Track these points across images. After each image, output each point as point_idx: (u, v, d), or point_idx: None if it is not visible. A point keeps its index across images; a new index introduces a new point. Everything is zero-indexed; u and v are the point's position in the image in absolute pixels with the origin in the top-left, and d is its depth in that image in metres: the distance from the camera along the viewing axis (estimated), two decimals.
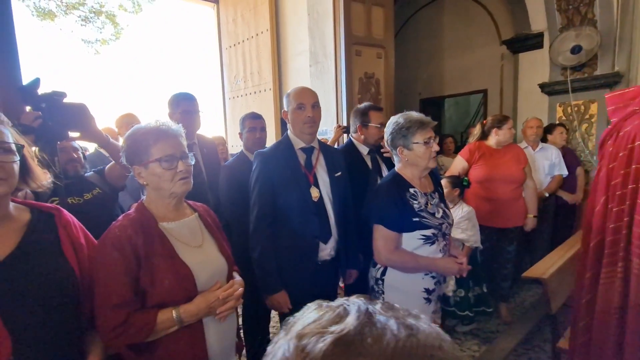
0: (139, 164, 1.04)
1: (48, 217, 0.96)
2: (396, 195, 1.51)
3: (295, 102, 1.62)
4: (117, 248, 0.97)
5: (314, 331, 0.32)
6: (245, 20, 4.81)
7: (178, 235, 1.08)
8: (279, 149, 1.68)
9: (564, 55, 3.59)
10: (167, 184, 1.04)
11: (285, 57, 4.49)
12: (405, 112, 1.58)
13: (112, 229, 1.01)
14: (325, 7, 3.36)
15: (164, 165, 1.02)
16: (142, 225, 1.03)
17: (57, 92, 1.33)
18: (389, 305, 0.36)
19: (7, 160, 0.84)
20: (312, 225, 1.61)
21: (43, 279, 0.86)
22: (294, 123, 1.63)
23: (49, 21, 8.75)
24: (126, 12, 9.43)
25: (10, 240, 0.86)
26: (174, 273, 1.01)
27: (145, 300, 1.01)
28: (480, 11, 5.17)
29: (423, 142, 1.50)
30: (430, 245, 1.53)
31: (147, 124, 1.07)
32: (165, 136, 1.04)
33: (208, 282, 1.08)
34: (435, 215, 1.55)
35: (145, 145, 1.02)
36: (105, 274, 0.96)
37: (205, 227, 1.18)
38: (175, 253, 1.04)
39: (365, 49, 3.29)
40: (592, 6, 3.46)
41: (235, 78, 5.13)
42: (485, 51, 5.19)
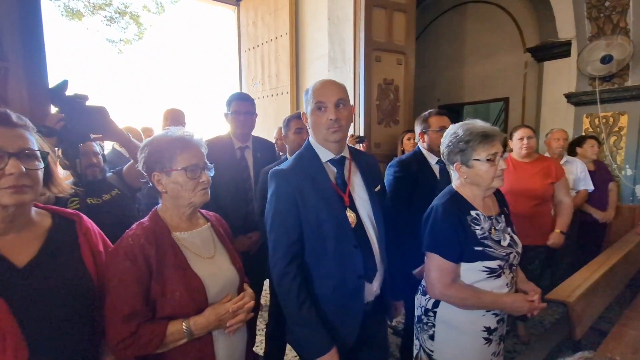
0: (160, 171, 1.03)
1: (69, 224, 0.96)
2: (455, 219, 1.27)
3: (313, 101, 1.23)
4: (129, 257, 0.96)
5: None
6: (265, 23, 4.83)
7: (190, 245, 1.07)
8: (302, 165, 1.28)
9: (593, 64, 3.45)
10: (188, 193, 1.04)
11: (303, 60, 4.49)
12: (467, 122, 1.32)
13: (125, 238, 1.00)
14: (345, 12, 3.33)
15: (189, 175, 1.02)
16: (155, 234, 1.02)
17: (79, 95, 1.35)
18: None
19: (33, 168, 0.84)
20: (353, 261, 1.21)
21: (62, 287, 0.86)
22: (315, 128, 1.26)
23: (76, 21, 9.04)
24: (149, 13, 9.66)
25: (31, 246, 0.87)
26: (185, 285, 1.00)
27: (155, 311, 0.99)
28: (504, 17, 5.04)
29: (486, 159, 1.25)
30: (495, 279, 1.29)
31: (171, 132, 1.06)
32: (190, 146, 1.04)
33: (219, 294, 1.06)
34: (501, 243, 1.30)
35: (171, 153, 1.02)
36: (117, 283, 0.95)
37: (218, 237, 1.17)
38: (187, 264, 1.03)
39: (385, 54, 3.24)
40: (625, 14, 3.32)
41: (254, 80, 5.16)
42: (508, 58, 5.06)
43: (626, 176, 3.59)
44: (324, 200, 1.21)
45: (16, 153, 0.81)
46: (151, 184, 1.09)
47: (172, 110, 2.64)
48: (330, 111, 1.21)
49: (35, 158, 0.85)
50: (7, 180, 0.79)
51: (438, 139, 1.82)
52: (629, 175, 3.58)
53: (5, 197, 0.80)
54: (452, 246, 1.27)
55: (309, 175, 1.24)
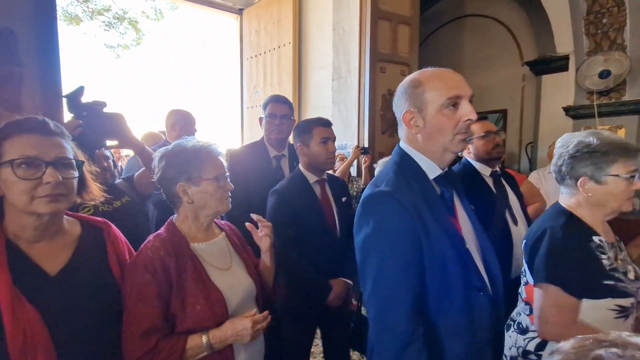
0: (187, 181, 1.02)
1: (97, 231, 0.97)
2: (579, 245, 1.08)
3: (443, 95, 0.92)
4: (149, 270, 0.94)
5: None
6: (268, 32, 4.87)
7: (208, 257, 1.06)
8: (407, 181, 0.95)
9: (591, 79, 3.53)
10: (217, 202, 1.04)
11: (306, 70, 4.52)
12: (596, 131, 1.15)
13: (144, 250, 0.99)
14: (351, 23, 3.38)
15: (220, 184, 1.03)
16: (174, 246, 1.01)
17: (97, 102, 1.35)
18: None
19: (69, 177, 0.84)
20: (481, 311, 0.94)
21: (92, 296, 0.86)
22: (436, 133, 0.93)
23: (74, 25, 9.02)
24: (148, 19, 9.69)
25: (62, 255, 0.87)
26: (205, 297, 0.98)
27: (174, 325, 0.97)
28: (502, 31, 5.15)
29: (626, 176, 1.07)
30: (624, 321, 1.07)
31: (191, 142, 1.05)
32: (214, 155, 1.05)
33: (238, 306, 1.05)
34: (627, 276, 1.09)
35: (199, 163, 1.02)
36: (136, 297, 0.93)
37: (233, 247, 1.16)
38: (207, 276, 1.01)
39: (389, 66, 3.28)
40: (622, 31, 3.41)
41: (255, 88, 5.17)
42: (506, 71, 5.15)
43: None
44: (445, 233, 0.89)
45: (53, 162, 0.81)
46: (164, 195, 1.08)
47: (181, 113, 2.40)
48: (467, 109, 0.92)
49: (71, 167, 0.85)
50: (44, 189, 0.79)
51: (486, 144, 1.75)
52: None
53: (41, 206, 0.79)
54: (576, 278, 1.05)
55: (421, 197, 0.90)
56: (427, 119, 0.92)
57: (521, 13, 4.79)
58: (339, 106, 3.61)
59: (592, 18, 3.55)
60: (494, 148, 1.76)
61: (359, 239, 0.91)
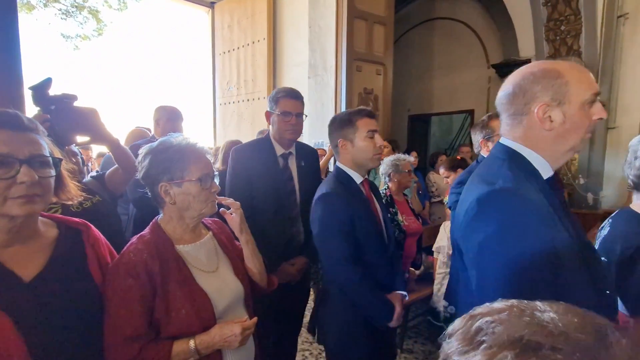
0: (169, 182, 0.97)
1: (76, 234, 0.89)
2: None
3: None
4: (131, 274, 0.89)
5: None
6: (241, 27, 4.77)
7: (194, 259, 1.01)
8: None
9: None
10: (200, 204, 0.99)
11: (281, 66, 4.48)
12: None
13: (126, 253, 0.93)
14: (327, 22, 3.38)
15: (204, 185, 0.97)
16: (157, 248, 0.96)
17: (67, 95, 1.26)
18: None
19: (45, 175, 0.77)
20: None
21: (70, 302, 0.80)
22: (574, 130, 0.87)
23: (25, 12, 8.36)
24: (111, 9, 9.16)
25: (37, 259, 0.80)
26: (191, 302, 0.94)
27: (159, 331, 0.93)
28: (470, 35, 5.37)
29: None
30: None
31: (177, 140, 1.00)
32: (201, 155, 0.99)
33: (226, 309, 1.01)
34: None
35: (184, 163, 0.96)
36: (119, 302, 0.87)
37: (220, 247, 1.11)
38: (193, 279, 0.97)
39: (365, 65, 3.32)
40: (578, 38, 3.66)
41: (228, 84, 5.06)
42: (473, 73, 5.38)
43: (579, 184, 3.93)
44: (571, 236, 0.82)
45: (27, 160, 0.74)
46: (149, 194, 1.03)
47: (166, 109, 2.28)
48: (599, 107, 0.83)
49: (47, 165, 0.78)
50: (18, 189, 0.72)
51: None
52: (582, 183, 3.92)
53: (15, 208, 0.72)
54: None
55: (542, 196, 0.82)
56: (569, 113, 0.81)
57: (487, 18, 5.02)
58: (315, 104, 3.61)
59: (552, 25, 3.79)
60: None
61: (475, 241, 0.80)
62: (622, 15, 3.55)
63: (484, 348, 0.36)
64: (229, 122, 5.10)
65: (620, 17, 3.56)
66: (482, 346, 0.36)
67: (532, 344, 0.33)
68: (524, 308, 0.38)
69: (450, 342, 0.40)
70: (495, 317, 0.38)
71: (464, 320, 0.41)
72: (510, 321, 0.37)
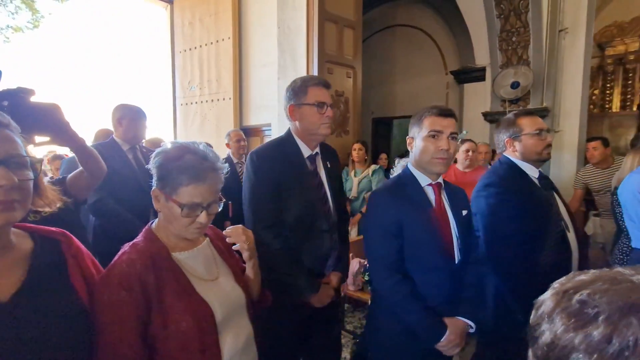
0: (160, 189, 0.89)
1: (54, 245, 0.78)
2: None
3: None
4: (124, 287, 0.80)
5: None
6: (204, 25, 4.59)
7: (192, 267, 0.94)
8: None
9: (505, 89, 4.07)
10: (180, 227, 0.90)
11: (247, 66, 4.37)
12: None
13: (118, 264, 0.84)
14: (297, 23, 3.36)
15: (184, 213, 0.87)
16: (152, 257, 0.87)
17: (22, 89, 1.11)
18: None
19: (24, 178, 0.66)
20: None
21: (53, 321, 0.70)
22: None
23: None
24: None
25: (12, 276, 0.69)
26: (191, 313, 0.87)
27: (154, 348, 0.85)
28: (429, 42, 5.64)
29: None
30: None
31: (189, 153, 0.89)
32: (202, 180, 0.87)
33: (228, 319, 0.95)
34: None
35: (177, 181, 0.87)
36: (111, 318, 0.78)
37: (218, 253, 1.05)
38: (193, 289, 0.90)
39: (336, 67, 3.35)
40: (527, 49, 3.99)
41: (190, 84, 4.83)
42: (433, 79, 5.66)
43: None
44: None
45: (3, 160, 0.63)
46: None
47: (129, 108, 2.06)
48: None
49: (24, 166, 0.67)
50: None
51: (537, 144, 1.50)
52: None
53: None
54: None
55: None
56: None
57: (445, 27, 5.31)
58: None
59: (504, 36, 4.09)
60: (545, 148, 1.51)
61: None
62: (563, 29, 3.93)
63: (604, 319, 0.35)
64: (191, 122, 4.87)
65: (561, 31, 3.94)
66: (600, 317, 0.35)
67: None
68: (612, 276, 0.39)
69: (553, 322, 0.39)
70: (593, 289, 0.38)
71: (557, 297, 0.40)
72: (612, 290, 0.37)
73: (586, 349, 0.35)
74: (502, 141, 1.60)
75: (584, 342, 0.36)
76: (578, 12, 3.82)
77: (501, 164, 1.59)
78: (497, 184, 1.51)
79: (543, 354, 0.40)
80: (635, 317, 0.34)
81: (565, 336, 0.37)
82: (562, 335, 0.38)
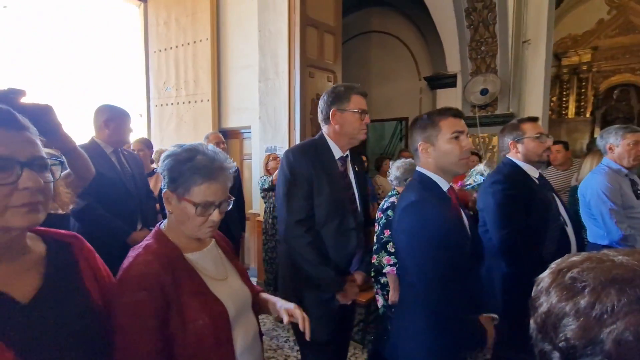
0: (173, 192, 0.90)
1: (65, 247, 0.78)
2: None
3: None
4: (144, 287, 0.81)
5: None
6: (180, 25, 4.50)
7: (203, 267, 0.96)
8: None
9: (475, 95, 4.31)
10: (193, 227, 0.92)
11: (226, 69, 4.34)
12: None
13: (136, 265, 0.85)
14: (278, 26, 3.39)
15: (198, 212, 0.90)
16: (167, 258, 0.89)
17: (13, 90, 1.08)
18: None
19: (48, 180, 0.66)
20: None
21: (70, 323, 0.70)
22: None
23: None
24: None
25: (30, 278, 0.69)
26: (208, 312, 0.89)
27: (172, 346, 0.86)
28: (403, 49, 5.85)
29: None
30: None
31: (200, 154, 0.90)
32: (214, 178, 0.90)
33: (238, 316, 0.98)
34: None
35: (190, 182, 0.88)
36: (131, 319, 0.79)
37: (224, 254, 1.07)
38: (207, 288, 0.92)
39: (317, 71, 3.41)
40: (495, 58, 4.25)
41: (165, 84, 4.72)
42: (407, 84, 5.87)
43: None
44: None
45: (29, 162, 0.63)
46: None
47: (115, 110, 2.00)
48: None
49: (46, 168, 0.68)
50: (22, 196, 0.62)
51: (538, 147, 1.66)
52: None
53: (17, 218, 0.62)
54: None
55: None
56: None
57: (419, 35, 5.53)
58: (267, 108, 3.58)
59: (474, 45, 4.34)
60: (545, 151, 1.69)
61: None
62: (526, 40, 4.22)
63: (590, 290, 0.43)
64: (166, 124, 4.75)
65: (524, 42, 4.23)
66: (586, 290, 0.43)
67: (624, 279, 0.42)
68: (598, 257, 0.47)
69: (550, 295, 0.47)
70: (582, 267, 0.46)
71: (553, 275, 0.48)
72: (597, 267, 0.45)
73: (575, 314, 0.44)
74: (506, 143, 1.75)
75: (573, 309, 0.44)
76: (539, 24, 4.13)
77: (504, 165, 1.75)
78: (502, 181, 1.65)
79: (541, 320, 0.48)
80: (614, 289, 0.42)
81: (559, 305, 0.46)
82: (556, 305, 0.46)
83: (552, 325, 0.46)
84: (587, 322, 0.42)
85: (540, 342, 0.49)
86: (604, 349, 0.40)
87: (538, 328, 0.49)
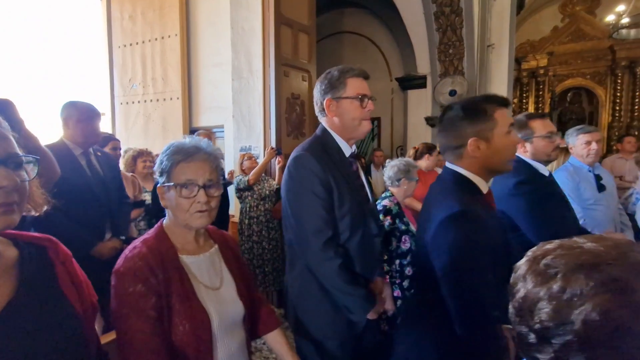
0: (162, 185, 0.89)
1: (40, 251, 0.73)
2: None
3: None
4: (141, 279, 0.81)
5: None
6: (147, 20, 4.32)
7: (196, 273, 0.93)
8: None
9: (444, 96, 4.48)
10: (183, 214, 0.89)
11: (196, 66, 4.21)
12: None
13: (132, 258, 0.83)
14: (251, 24, 3.33)
15: (183, 194, 0.87)
16: (161, 255, 0.87)
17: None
18: None
19: (23, 179, 0.62)
20: None
21: (48, 331, 0.66)
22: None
23: None
24: None
25: (3, 285, 0.64)
26: (190, 318, 0.86)
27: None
28: (375, 50, 5.96)
29: None
30: None
31: (180, 142, 0.92)
32: (192, 158, 0.89)
33: (225, 330, 0.94)
34: None
35: (171, 167, 0.88)
36: (131, 313, 0.79)
37: (225, 263, 1.02)
38: (194, 294, 0.88)
39: (292, 70, 3.39)
40: (462, 61, 4.44)
41: (131, 82, 4.50)
42: (379, 84, 5.98)
43: None
44: None
45: (3, 160, 0.58)
46: None
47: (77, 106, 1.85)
48: None
49: (21, 167, 0.63)
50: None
51: (548, 146, 1.55)
52: None
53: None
54: None
55: None
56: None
57: (390, 37, 5.65)
58: (241, 107, 3.52)
59: (442, 48, 4.50)
60: (554, 150, 1.61)
61: None
62: (490, 45, 4.44)
63: (561, 277, 0.47)
64: (132, 123, 4.53)
65: (489, 46, 4.45)
66: (558, 275, 0.47)
67: (592, 264, 0.46)
68: (569, 244, 0.51)
69: (526, 281, 0.50)
70: (555, 254, 0.50)
71: (529, 263, 0.52)
72: (567, 254, 0.49)
73: (548, 298, 0.48)
74: None
75: (547, 293, 0.48)
76: (502, 30, 4.35)
77: (518, 163, 1.56)
78: (527, 181, 1.53)
79: (519, 305, 0.52)
80: (582, 274, 0.46)
81: (534, 290, 0.49)
82: (531, 290, 0.50)
83: (528, 309, 0.50)
84: (559, 305, 0.46)
85: (518, 325, 0.52)
86: (574, 328, 0.44)
87: (516, 312, 0.52)
